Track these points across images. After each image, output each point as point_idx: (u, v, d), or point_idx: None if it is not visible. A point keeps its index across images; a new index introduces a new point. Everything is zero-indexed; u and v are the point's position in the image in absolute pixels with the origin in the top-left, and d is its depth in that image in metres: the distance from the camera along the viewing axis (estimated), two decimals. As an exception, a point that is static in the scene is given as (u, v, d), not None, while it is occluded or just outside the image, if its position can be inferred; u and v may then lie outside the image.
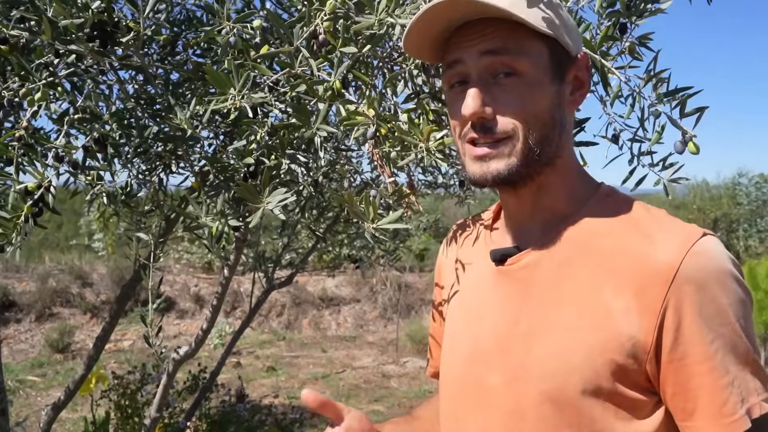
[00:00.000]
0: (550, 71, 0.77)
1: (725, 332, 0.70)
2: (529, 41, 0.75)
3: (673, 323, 0.70)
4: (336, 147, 1.31)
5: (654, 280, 0.71)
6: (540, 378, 0.75)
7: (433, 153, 0.84)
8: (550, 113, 0.78)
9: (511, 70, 0.75)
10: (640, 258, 0.73)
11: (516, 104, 0.75)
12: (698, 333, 0.70)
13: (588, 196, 0.82)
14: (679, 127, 0.91)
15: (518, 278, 0.81)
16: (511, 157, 0.77)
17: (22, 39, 1.04)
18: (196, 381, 3.93)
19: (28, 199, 1.03)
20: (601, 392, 0.72)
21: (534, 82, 0.76)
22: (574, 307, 0.75)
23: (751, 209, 12.78)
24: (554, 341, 0.75)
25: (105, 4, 1.01)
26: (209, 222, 1.05)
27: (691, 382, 0.70)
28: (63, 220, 10.88)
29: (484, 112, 0.75)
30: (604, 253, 0.76)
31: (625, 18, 0.95)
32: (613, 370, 0.72)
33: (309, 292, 8.35)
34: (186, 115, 1.02)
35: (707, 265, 0.71)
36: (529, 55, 0.75)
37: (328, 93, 0.93)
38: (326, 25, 0.91)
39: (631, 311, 0.72)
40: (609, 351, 0.72)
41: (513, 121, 0.76)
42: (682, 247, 0.71)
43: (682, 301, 0.70)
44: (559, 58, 0.78)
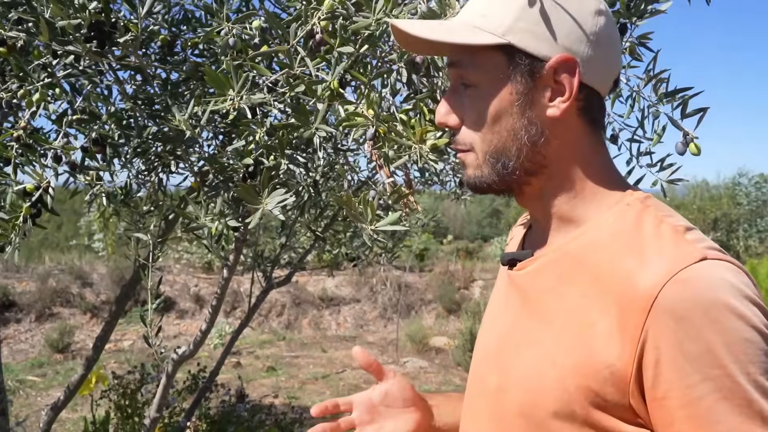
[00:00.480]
0: (508, 80, 0.74)
1: (716, 375, 0.61)
2: (481, 53, 0.74)
3: (653, 357, 0.63)
4: (335, 147, 1.31)
5: (634, 305, 0.65)
6: (517, 391, 0.74)
7: (427, 154, 0.84)
8: (508, 125, 0.74)
9: (467, 82, 0.76)
10: (627, 279, 0.67)
11: (472, 116, 0.76)
12: (677, 373, 0.62)
13: (602, 203, 0.76)
14: (680, 128, 0.91)
15: (520, 285, 0.80)
16: (475, 168, 0.78)
17: (20, 40, 1.04)
18: (195, 381, 3.92)
19: (26, 200, 1.03)
20: (574, 417, 0.68)
21: (486, 93, 0.74)
22: (559, 324, 0.72)
23: (751, 209, 12.78)
24: (534, 357, 0.73)
25: (102, 5, 1.01)
26: (208, 222, 1.05)
27: (672, 426, 0.63)
28: (63, 220, 10.88)
29: (447, 121, 0.78)
30: (598, 270, 0.71)
31: (625, 18, 0.95)
32: (589, 397, 0.67)
33: (309, 292, 8.35)
34: (184, 116, 1.02)
35: (692, 295, 0.62)
36: (480, 67, 0.74)
37: (327, 93, 0.93)
38: (323, 24, 0.91)
39: (614, 336, 0.66)
40: (583, 376, 0.67)
41: (471, 133, 0.76)
42: (666, 272, 0.63)
43: (660, 334, 0.63)
44: (523, 65, 0.73)
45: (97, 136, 1.11)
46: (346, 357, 6.75)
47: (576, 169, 0.78)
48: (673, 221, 0.71)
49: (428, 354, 6.76)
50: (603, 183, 0.78)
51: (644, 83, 0.92)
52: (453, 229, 14.56)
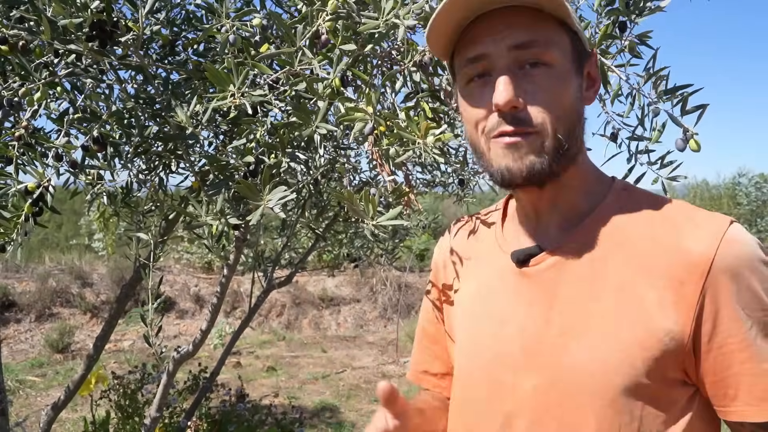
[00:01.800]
0: (574, 62, 0.76)
1: (761, 317, 0.70)
2: (555, 32, 0.74)
3: (711, 313, 0.70)
4: (336, 146, 1.31)
5: (689, 271, 0.70)
6: (578, 379, 0.73)
7: (431, 149, 0.84)
8: (575, 107, 0.76)
9: (540, 60, 0.73)
10: (672, 249, 0.72)
11: (545, 96, 0.73)
12: (736, 320, 0.70)
13: (604, 191, 0.81)
14: (680, 124, 0.91)
15: (544, 279, 0.79)
16: (542, 153, 0.74)
17: (21, 39, 1.04)
18: (196, 381, 3.92)
19: (28, 199, 1.03)
20: (641, 390, 0.71)
21: (562, 74, 0.74)
22: (608, 304, 0.73)
23: (751, 209, 12.78)
24: (590, 341, 0.73)
25: (104, 4, 1.01)
26: (209, 221, 1.06)
27: (731, 368, 0.70)
28: (63, 220, 10.88)
29: (517, 101, 0.72)
30: (633, 247, 0.74)
31: (624, 16, 0.95)
32: (653, 367, 0.71)
33: (309, 292, 8.35)
34: (186, 114, 1.02)
35: (740, 252, 0.71)
36: (558, 46, 0.74)
37: (328, 91, 0.93)
38: (328, 24, 0.91)
39: (666, 305, 0.71)
40: (647, 348, 0.71)
41: (543, 113, 0.73)
42: (714, 236, 0.71)
43: (719, 291, 0.70)
44: (579, 51, 0.77)
45: (97, 135, 1.11)
46: (346, 357, 6.75)
47: (586, 159, 0.82)
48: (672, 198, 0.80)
49: (428, 354, 6.75)
50: (595, 172, 0.84)
51: (644, 81, 0.93)
52: (453, 230, 14.55)
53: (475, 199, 2.15)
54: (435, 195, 2.13)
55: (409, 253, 8.89)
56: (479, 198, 11.44)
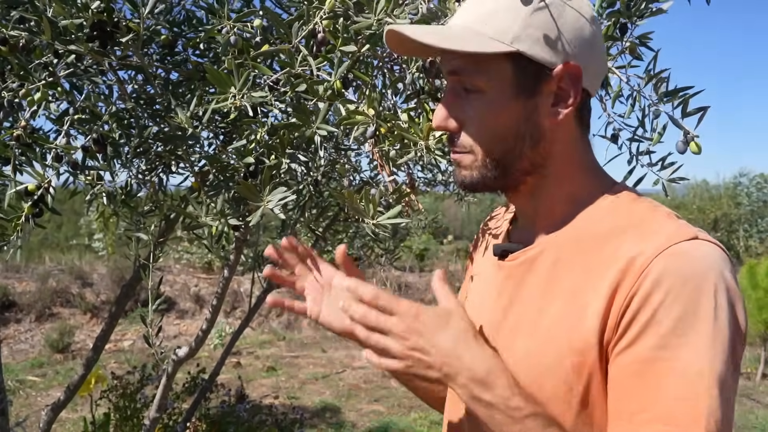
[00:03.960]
0: (514, 87, 0.76)
1: (675, 344, 0.64)
2: (488, 60, 0.75)
3: (629, 319, 0.67)
4: (336, 146, 1.31)
5: (627, 279, 0.68)
6: (520, 372, 0.74)
7: (433, 150, 0.84)
8: (512, 130, 0.77)
9: (472, 86, 0.77)
10: (622, 259, 0.70)
11: (474, 121, 0.77)
12: (645, 333, 0.66)
13: (593, 197, 0.80)
14: (680, 126, 0.91)
15: (514, 274, 0.82)
16: (472, 169, 0.79)
17: (21, 39, 1.04)
18: (194, 381, 3.92)
19: (27, 200, 1.03)
20: (571, 396, 0.71)
21: (491, 99, 0.76)
22: (557, 308, 0.74)
23: (751, 209, 12.78)
24: (531, 340, 0.75)
25: (104, 4, 1.01)
26: (209, 222, 1.05)
27: (615, 381, 0.68)
28: (63, 220, 10.88)
29: (447, 125, 0.79)
30: (595, 256, 0.74)
31: (625, 18, 0.95)
32: (584, 373, 0.70)
33: (309, 292, 8.34)
34: (186, 115, 1.02)
35: (680, 268, 0.66)
36: (487, 74, 0.76)
37: (328, 92, 0.93)
38: (325, 23, 0.91)
39: (602, 312, 0.69)
40: (578, 353, 0.70)
41: (472, 136, 0.78)
42: (660, 247, 0.68)
43: (642, 300, 0.66)
44: (528, 72, 0.76)
45: (97, 135, 1.11)
46: (347, 357, 6.75)
47: (570, 168, 0.82)
48: (665, 209, 0.77)
49: (428, 354, 6.74)
50: (589, 177, 0.83)
51: (644, 82, 0.93)
52: (453, 229, 14.56)
53: (475, 199, 2.15)
54: (435, 195, 2.12)
55: (410, 253, 8.88)
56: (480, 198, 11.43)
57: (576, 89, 0.76)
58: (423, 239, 10.07)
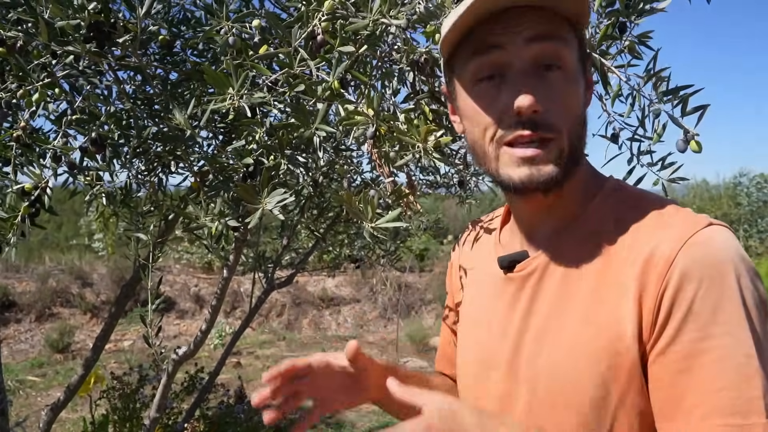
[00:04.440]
0: (578, 65, 0.73)
1: (721, 332, 0.63)
2: (568, 32, 0.71)
3: (664, 315, 0.65)
4: (335, 147, 1.31)
5: (653, 275, 0.66)
6: (550, 385, 0.72)
7: (431, 153, 0.84)
8: (581, 110, 0.74)
9: (556, 61, 0.70)
10: (643, 255, 0.68)
11: (562, 101, 0.70)
12: (685, 328, 0.64)
13: (595, 193, 0.78)
14: (680, 125, 0.90)
15: (527, 285, 0.78)
16: (560, 159, 0.71)
17: (19, 40, 1.03)
18: (194, 381, 3.91)
19: (25, 200, 1.03)
20: (609, 399, 0.68)
21: (573, 76, 0.72)
22: (581, 311, 0.72)
23: (751, 209, 12.77)
24: (561, 347, 0.72)
25: (101, 5, 1.00)
26: (208, 222, 1.05)
27: (664, 379, 0.65)
28: (63, 220, 10.87)
29: (540, 108, 0.68)
30: (611, 253, 0.72)
31: (624, 17, 0.94)
32: (622, 376, 0.68)
33: (309, 292, 8.35)
34: (185, 116, 1.02)
35: (704, 257, 0.65)
36: (571, 47, 0.71)
37: (327, 93, 0.93)
38: (324, 25, 0.91)
39: (633, 312, 0.67)
40: (612, 355, 0.68)
41: (561, 118, 0.70)
42: (681, 238, 0.66)
43: (673, 294, 0.64)
44: (583, 50, 0.74)
45: (96, 136, 1.10)
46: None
47: (585, 161, 0.80)
48: (668, 199, 0.75)
49: (428, 354, 6.75)
50: (591, 173, 0.81)
51: (644, 82, 0.92)
52: (453, 229, 14.55)
53: (476, 200, 2.15)
54: (436, 196, 2.12)
55: (410, 254, 8.88)
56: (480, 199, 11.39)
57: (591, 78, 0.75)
58: (423, 239, 10.07)
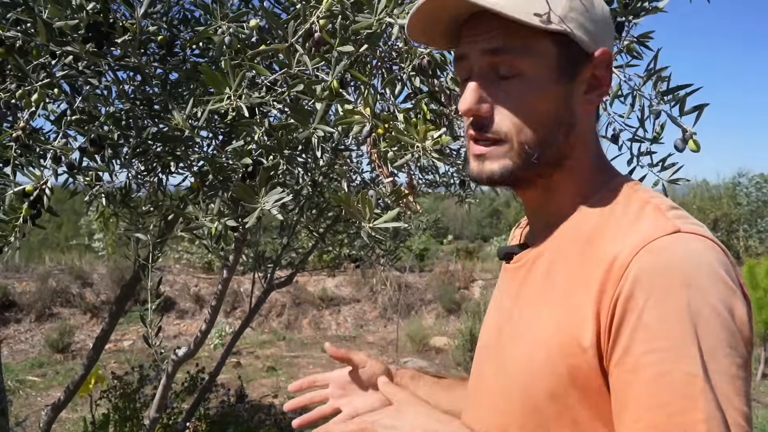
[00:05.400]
0: (556, 70, 0.73)
1: (666, 346, 0.60)
2: (534, 39, 0.72)
3: (616, 324, 0.64)
4: (334, 147, 1.31)
5: (610, 278, 0.65)
6: (515, 377, 0.74)
7: (430, 152, 0.84)
8: (552, 115, 0.74)
9: (511, 69, 0.72)
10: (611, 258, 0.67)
11: (513, 106, 0.73)
12: (634, 340, 0.62)
13: (593, 192, 0.78)
14: (679, 125, 0.90)
15: (517, 276, 0.81)
16: (505, 159, 0.74)
17: (18, 41, 1.03)
18: (194, 381, 3.92)
19: (25, 201, 1.03)
20: (566, 400, 0.68)
21: (535, 82, 0.73)
22: (550, 308, 0.72)
23: (751, 209, 12.77)
24: (527, 341, 0.74)
25: (100, 5, 1.00)
26: (208, 222, 1.05)
27: (617, 393, 0.64)
28: (63, 220, 10.87)
29: (479, 110, 0.73)
30: (585, 254, 0.72)
31: (621, 17, 0.94)
32: (577, 376, 0.67)
33: (309, 292, 8.34)
34: (183, 116, 1.02)
35: (655, 265, 0.63)
36: (533, 54, 0.72)
37: (326, 93, 0.92)
38: (322, 23, 0.91)
39: (592, 313, 0.67)
40: (570, 355, 0.67)
41: (508, 123, 0.73)
42: (638, 245, 0.64)
43: (625, 301, 0.63)
44: (571, 55, 0.74)
45: (95, 136, 1.10)
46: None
47: (585, 162, 0.79)
48: (657, 201, 0.72)
49: (428, 354, 6.76)
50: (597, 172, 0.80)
51: (643, 81, 0.92)
52: (453, 229, 14.55)
53: (476, 199, 2.15)
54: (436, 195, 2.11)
55: (410, 254, 8.88)
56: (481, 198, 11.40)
57: (609, 76, 0.75)
58: (423, 239, 10.06)
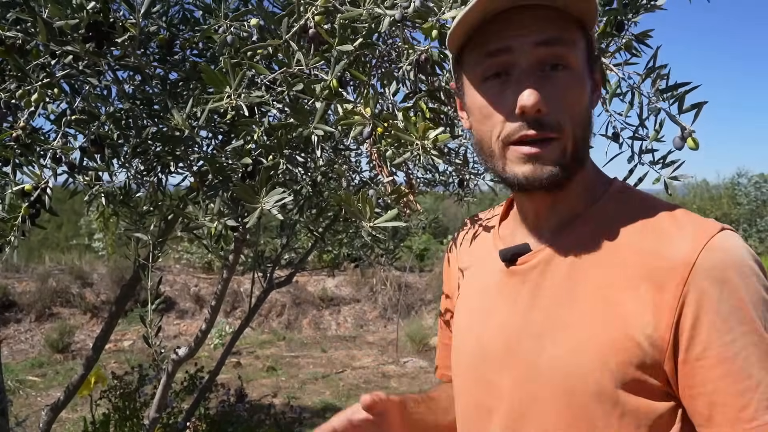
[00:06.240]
0: (588, 65, 0.74)
1: (746, 331, 0.65)
2: (576, 33, 0.72)
3: (690, 321, 0.66)
4: (334, 146, 1.31)
5: (669, 276, 0.67)
6: (553, 380, 0.72)
7: (429, 150, 0.83)
8: (589, 111, 0.75)
9: (562, 62, 0.71)
10: (654, 255, 0.69)
11: (567, 100, 0.71)
12: (715, 332, 0.65)
13: (601, 192, 0.79)
14: (677, 123, 0.90)
15: (529, 278, 0.79)
16: (563, 161, 0.72)
17: (18, 40, 1.03)
18: (194, 381, 3.92)
19: (25, 200, 1.03)
20: (616, 396, 0.69)
21: (580, 77, 0.73)
22: (585, 306, 0.72)
23: (750, 209, 12.78)
24: (567, 341, 0.72)
25: (100, 5, 1.00)
26: (207, 222, 1.05)
27: (707, 385, 0.66)
28: (63, 220, 10.87)
29: (543, 107, 0.70)
30: (616, 252, 0.72)
31: (621, 15, 0.94)
32: (629, 373, 0.68)
33: (309, 292, 8.34)
34: (183, 116, 1.02)
35: (725, 260, 0.67)
36: (578, 48, 0.72)
37: (326, 92, 0.92)
38: (318, 19, 0.90)
39: (645, 309, 0.68)
40: (622, 351, 0.68)
41: (565, 118, 0.71)
42: (698, 242, 0.68)
43: (699, 298, 0.66)
44: (591, 52, 0.75)
45: (95, 136, 1.10)
46: (346, 357, 6.75)
47: (589, 160, 0.80)
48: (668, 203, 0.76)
49: (428, 354, 6.76)
50: (595, 172, 0.82)
51: (642, 79, 0.92)
52: (453, 229, 14.55)
53: (475, 199, 2.14)
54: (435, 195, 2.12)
55: (410, 253, 8.88)
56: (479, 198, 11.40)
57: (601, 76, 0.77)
58: (423, 239, 10.07)
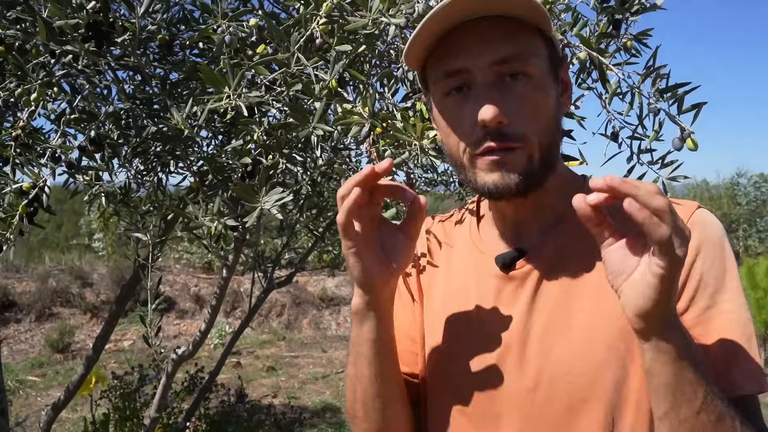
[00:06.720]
0: (551, 71, 0.75)
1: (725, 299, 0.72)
2: (535, 41, 0.72)
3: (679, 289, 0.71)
4: (333, 146, 1.31)
5: None
6: (567, 376, 0.73)
7: (427, 150, 0.83)
8: (555, 115, 0.75)
9: (521, 71, 0.71)
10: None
11: (528, 109, 0.71)
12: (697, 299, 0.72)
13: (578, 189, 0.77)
14: (677, 123, 0.90)
15: (527, 281, 0.78)
16: (529, 167, 0.73)
17: (18, 40, 1.03)
18: (193, 381, 3.91)
19: (23, 199, 1.03)
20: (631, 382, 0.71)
21: (542, 84, 0.73)
22: (588, 301, 0.74)
23: (750, 209, 12.78)
24: (575, 338, 0.73)
25: (100, 5, 1.00)
26: (207, 222, 1.05)
27: (712, 334, 0.71)
28: (63, 220, 10.88)
29: (503, 120, 0.70)
30: None
31: (618, 14, 0.94)
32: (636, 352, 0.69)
33: (309, 292, 8.35)
34: (182, 116, 1.02)
35: (703, 233, 0.74)
36: (537, 56, 0.72)
37: (325, 92, 0.92)
38: (323, 27, 0.91)
39: None
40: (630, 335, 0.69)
41: (527, 127, 0.72)
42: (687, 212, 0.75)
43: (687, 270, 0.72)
44: (554, 56, 0.75)
45: (94, 136, 1.10)
46: (347, 357, 6.75)
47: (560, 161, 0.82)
48: None
49: (428, 354, 6.75)
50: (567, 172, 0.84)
51: (642, 79, 0.92)
52: (453, 229, 14.54)
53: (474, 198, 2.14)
54: (436, 195, 2.12)
55: (410, 253, 8.87)
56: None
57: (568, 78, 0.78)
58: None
